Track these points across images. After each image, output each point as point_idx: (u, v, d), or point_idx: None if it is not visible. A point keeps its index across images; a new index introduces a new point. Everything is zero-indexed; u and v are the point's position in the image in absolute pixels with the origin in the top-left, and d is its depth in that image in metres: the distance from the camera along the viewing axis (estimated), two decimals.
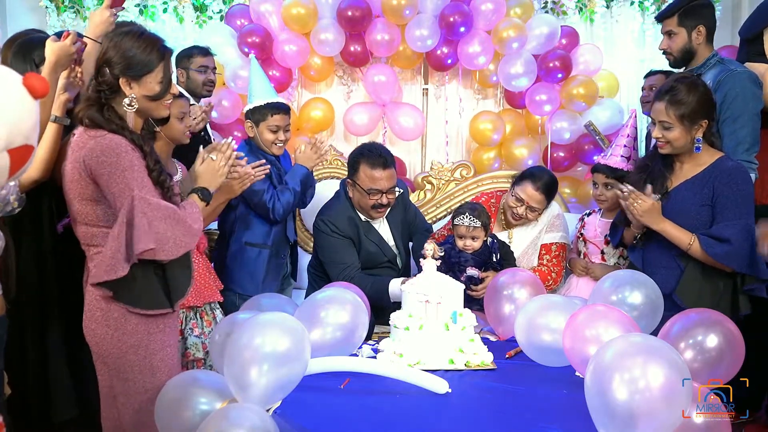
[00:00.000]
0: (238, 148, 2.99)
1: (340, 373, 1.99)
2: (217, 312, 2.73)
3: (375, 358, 2.22)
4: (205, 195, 2.10)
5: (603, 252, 2.95)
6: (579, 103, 3.96)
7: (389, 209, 2.97)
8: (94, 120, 1.90)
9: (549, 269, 3.02)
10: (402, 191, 2.99)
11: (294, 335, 1.75)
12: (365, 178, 2.82)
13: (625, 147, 2.87)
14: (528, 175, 3.01)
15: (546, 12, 4.30)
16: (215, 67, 3.56)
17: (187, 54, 3.47)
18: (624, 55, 4.41)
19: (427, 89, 4.39)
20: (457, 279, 2.47)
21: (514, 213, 2.99)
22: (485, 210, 2.87)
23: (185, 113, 2.56)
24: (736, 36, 3.35)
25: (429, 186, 3.91)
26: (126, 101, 1.93)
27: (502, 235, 3.04)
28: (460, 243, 2.82)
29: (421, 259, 2.37)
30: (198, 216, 1.99)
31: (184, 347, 2.59)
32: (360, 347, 2.27)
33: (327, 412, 1.84)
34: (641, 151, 3.44)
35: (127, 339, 1.92)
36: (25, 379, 2.38)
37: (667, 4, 3.32)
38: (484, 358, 2.20)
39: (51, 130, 2.19)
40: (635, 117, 2.96)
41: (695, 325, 1.89)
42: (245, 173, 2.53)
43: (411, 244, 3.12)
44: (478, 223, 2.78)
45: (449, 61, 4.04)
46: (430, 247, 2.35)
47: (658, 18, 2.93)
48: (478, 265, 2.81)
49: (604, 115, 3.98)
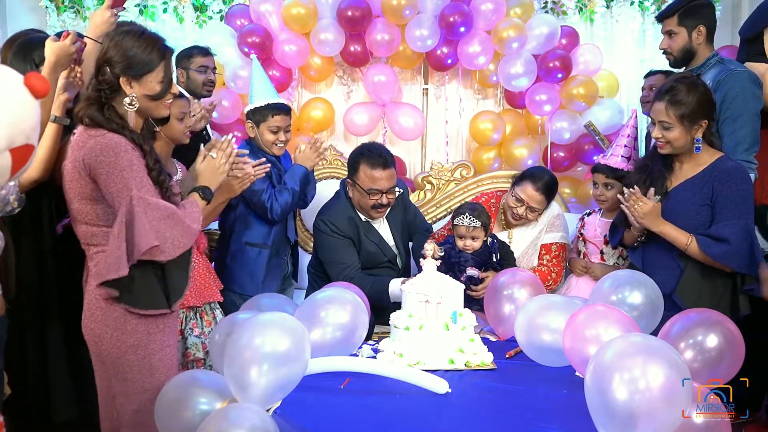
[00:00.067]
0: (239, 147, 3.01)
1: (340, 373, 1.99)
2: (217, 312, 2.73)
3: (375, 358, 2.22)
4: (206, 193, 2.09)
5: (602, 252, 2.96)
6: (579, 103, 3.96)
7: (389, 209, 2.97)
8: (94, 119, 1.89)
9: (549, 269, 3.02)
10: (402, 191, 2.99)
11: (294, 335, 1.75)
12: (365, 178, 2.82)
13: (626, 147, 2.87)
14: (528, 176, 3.01)
15: (546, 12, 4.29)
16: (215, 67, 3.56)
17: (187, 54, 3.47)
18: (624, 55, 4.40)
19: (427, 89, 4.38)
20: (457, 279, 2.47)
21: (514, 213, 2.99)
22: (485, 210, 2.87)
23: (185, 113, 2.56)
24: (736, 36, 3.35)
25: (429, 186, 3.91)
26: (127, 101, 1.93)
27: (502, 235, 3.04)
28: (460, 243, 2.82)
29: (421, 259, 2.37)
30: (197, 216, 1.98)
31: (184, 347, 2.58)
32: (360, 347, 2.27)
33: (327, 412, 1.84)
34: (641, 151, 3.44)
35: (127, 339, 1.92)
36: (25, 379, 2.38)
37: (668, 3, 3.32)
38: (484, 358, 2.20)
39: (50, 130, 2.20)
40: (636, 117, 2.96)
41: (695, 325, 1.89)
42: (244, 173, 2.53)
43: (411, 244, 3.12)
44: (478, 223, 2.78)
45: (449, 61, 4.04)
46: (430, 247, 2.35)
47: (658, 18, 2.93)
48: (478, 265, 2.81)
49: (604, 115, 3.97)
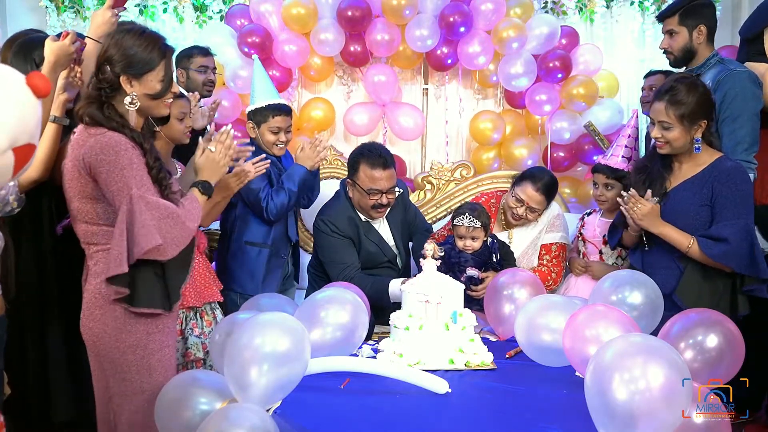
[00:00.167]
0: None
1: (340, 373, 1.99)
2: (218, 312, 2.73)
3: (375, 358, 2.22)
4: (206, 188, 2.08)
5: (601, 252, 2.96)
6: (579, 103, 3.95)
7: (389, 209, 2.97)
8: (94, 118, 1.89)
9: (549, 269, 3.02)
10: (402, 191, 2.99)
11: (294, 335, 1.75)
12: (365, 178, 2.82)
13: (626, 147, 2.87)
14: (528, 176, 3.01)
15: (546, 12, 4.30)
16: (215, 67, 3.57)
17: (187, 54, 3.47)
18: (624, 55, 4.40)
19: (427, 89, 4.38)
20: (457, 279, 2.47)
21: (514, 213, 2.99)
22: (485, 210, 2.87)
23: (185, 113, 2.57)
24: (736, 36, 3.35)
25: (429, 186, 3.91)
26: (127, 100, 1.93)
27: (502, 236, 3.04)
28: (460, 243, 2.82)
29: (421, 259, 2.36)
30: (196, 213, 1.97)
31: (184, 347, 2.58)
32: (360, 347, 2.27)
33: (327, 412, 1.84)
34: (642, 152, 3.44)
35: (126, 338, 1.91)
36: (25, 380, 2.38)
37: (668, 3, 3.32)
38: (484, 358, 2.20)
39: (50, 130, 2.20)
40: (637, 117, 2.95)
41: (695, 325, 1.89)
42: (241, 170, 2.53)
43: (411, 244, 3.12)
44: (477, 224, 2.78)
45: (449, 61, 4.04)
46: (430, 247, 2.35)
47: (659, 17, 2.93)
48: (478, 266, 2.81)
49: (604, 115, 3.97)
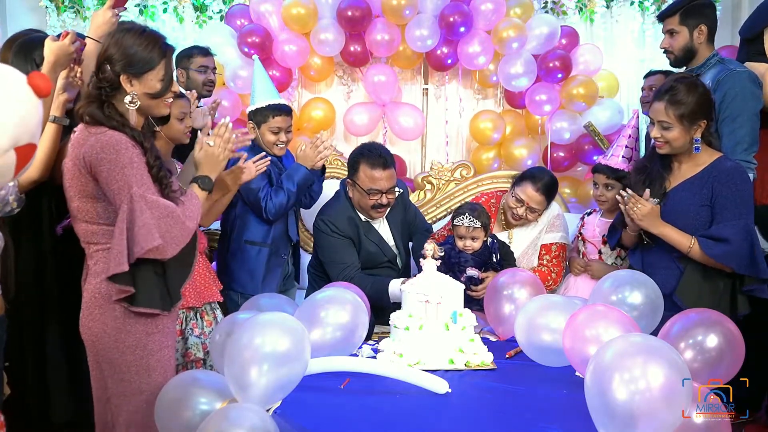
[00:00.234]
0: (240, 149, 3.01)
1: (340, 373, 1.99)
2: (218, 312, 2.73)
3: (375, 358, 2.22)
4: (206, 183, 2.07)
5: (600, 252, 2.96)
6: (579, 103, 3.96)
7: (389, 209, 2.97)
8: (94, 117, 1.89)
9: (549, 269, 3.02)
10: (402, 191, 2.99)
11: (294, 335, 1.75)
12: (365, 178, 2.82)
13: (627, 147, 2.87)
14: (528, 176, 3.01)
15: (546, 12, 4.30)
16: (215, 67, 3.57)
17: (187, 54, 3.47)
18: (624, 55, 4.41)
19: (427, 89, 4.38)
20: (457, 279, 2.46)
21: (514, 213, 2.99)
22: (485, 210, 2.87)
23: (185, 113, 2.57)
24: (736, 36, 3.35)
25: (429, 186, 3.91)
26: (127, 99, 1.92)
27: (502, 236, 3.04)
28: (459, 243, 2.82)
29: (421, 259, 2.36)
30: (195, 211, 1.96)
31: (184, 347, 2.58)
32: (360, 347, 2.27)
33: (327, 412, 1.84)
34: (642, 152, 3.44)
35: (125, 338, 1.90)
36: (25, 380, 2.38)
37: (668, 3, 3.32)
38: (484, 358, 2.20)
39: (50, 130, 2.20)
40: (637, 117, 2.95)
41: (695, 325, 1.89)
42: (237, 168, 2.54)
43: (411, 244, 3.12)
44: (477, 224, 2.78)
45: (449, 61, 4.04)
46: (430, 247, 2.35)
47: (659, 17, 2.93)
48: (478, 266, 2.81)
49: (604, 115, 3.97)
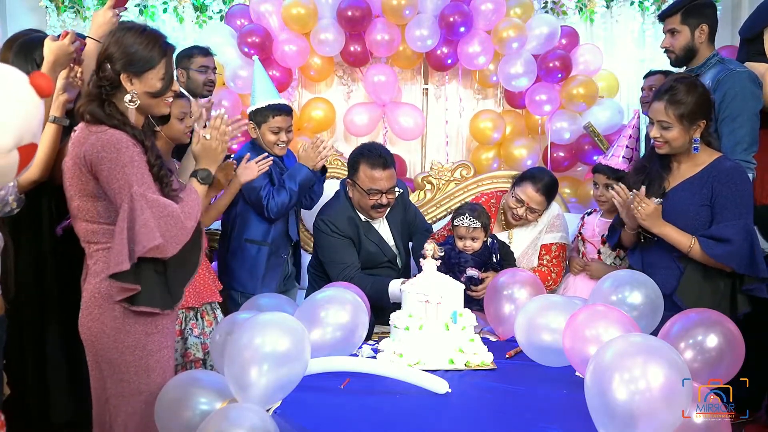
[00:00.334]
0: (242, 148, 3.02)
1: (340, 373, 1.99)
2: (218, 312, 2.73)
3: (375, 358, 2.22)
4: (205, 177, 2.07)
5: (599, 252, 2.96)
6: (579, 103, 3.96)
7: (389, 209, 2.97)
8: (95, 115, 1.88)
9: (549, 269, 3.02)
10: (402, 191, 2.99)
11: (294, 335, 1.75)
12: (365, 178, 2.82)
13: (627, 148, 2.87)
14: (528, 176, 3.01)
15: (546, 12, 4.30)
16: (215, 67, 3.56)
17: (188, 54, 3.47)
18: (624, 55, 4.40)
19: (427, 89, 4.38)
20: (457, 280, 2.46)
21: (514, 214, 2.99)
22: (485, 211, 2.87)
23: (186, 113, 2.56)
24: (736, 36, 3.35)
25: (429, 186, 3.91)
26: (127, 98, 1.92)
27: (502, 236, 3.04)
28: (459, 244, 2.82)
29: (421, 259, 2.36)
30: (194, 209, 1.94)
31: (184, 347, 2.58)
32: (360, 347, 2.27)
33: (327, 412, 1.84)
34: (643, 152, 3.44)
35: (125, 339, 1.90)
36: (24, 380, 2.37)
37: (669, 2, 3.32)
38: (484, 358, 2.20)
39: (49, 130, 2.19)
40: (638, 117, 2.95)
41: (695, 325, 1.89)
42: (227, 164, 2.55)
43: (411, 244, 3.12)
44: (477, 224, 2.77)
45: (449, 61, 4.04)
46: (430, 247, 2.35)
47: (660, 16, 2.93)
48: (478, 266, 2.81)
49: (604, 115, 3.97)
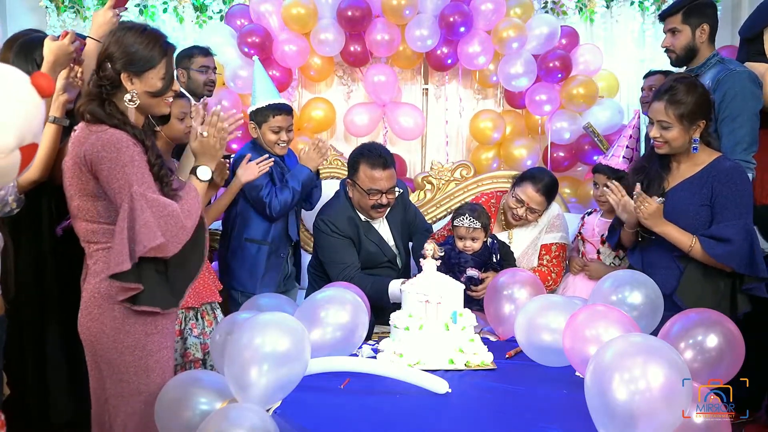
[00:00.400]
0: (243, 148, 3.02)
1: (340, 373, 1.99)
2: (218, 312, 2.73)
3: (375, 358, 2.22)
4: (204, 173, 2.05)
5: (599, 252, 2.96)
6: (579, 104, 3.95)
7: (389, 209, 2.97)
8: (95, 115, 1.88)
9: (549, 269, 3.02)
10: (402, 191, 2.99)
11: (294, 335, 1.75)
12: (365, 178, 2.82)
13: (627, 148, 2.87)
14: (528, 177, 3.01)
15: (546, 12, 4.30)
16: (215, 67, 3.56)
17: (188, 54, 3.47)
18: (624, 55, 4.40)
19: (427, 89, 4.38)
20: (457, 280, 2.46)
21: (514, 214, 2.99)
22: (485, 211, 2.87)
23: (186, 113, 2.56)
24: (736, 36, 3.35)
25: (429, 186, 3.91)
26: (127, 97, 1.92)
27: (502, 236, 3.04)
28: (459, 244, 2.82)
29: (421, 259, 2.36)
30: (194, 208, 1.93)
31: (183, 348, 2.58)
32: (360, 347, 2.27)
33: (327, 412, 1.84)
34: (643, 152, 3.43)
35: (124, 339, 1.89)
36: (24, 380, 2.37)
37: (669, 2, 3.31)
38: (484, 358, 2.20)
39: (49, 130, 2.19)
40: (638, 117, 2.95)
41: (695, 325, 1.89)
42: (221, 163, 2.53)
43: (411, 244, 3.12)
44: (477, 225, 2.77)
45: (449, 61, 4.04)
46: (430, 247, 2.35)
47: (661, 16, 2.92)
48: (478, 266, 2.81)
49: (604, 115, 3.97)
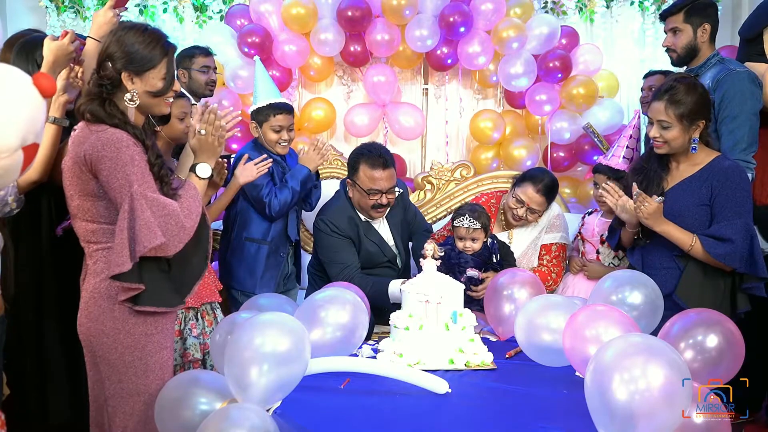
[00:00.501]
0: (244, 147, 3.03)
1: (340, 373, 1.99)
2: (218, 312, 2.73)
3: (375, 358, 2.22)
4: (203, 170, 2.05)
5: (598, 252, 2.96)
6: (579, 104, 3.95)
7: (389, 209, 2.97)
8: (95, 114, 1.88)
9: (549, 269, 3.02)
10: (402, 191, 2.99)
11: (294, 335, 1.75)
12: (365, 178, 2.82)
13: (627, 148, 2.87)
14: (529, 177, 3.01)
15: (546, 12, 4.29)
16: (216, 67, 3.57)
17: (189, 54, 3.47)
18: (624, 55, 4.40)
19: (427, 89, 4.39)
20: (457, 280, 2.46)
21: (514, 214, 2.99)
22: (485, 211, 2.87)
23: (186, 113, 2.57)
24: (736, 36, 3.35)
25: (429, 186, 3.91)
26: (127, 96, 1.92)
27: (502, 236, 3.04)
28: (459, 244, 2.82)
29: (421, 259, 2.36)
30: (194, 207, 1.93)
31: (183, 348, 2.58)
32: (360, 347, 2.27)
33: (327, 412, 1.84)
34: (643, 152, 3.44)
35: (124, 339, 1.89)
36: (24, 380, 2.37)
37: (670, 2, 3.31)
38: (484, 358, 2.20)
39: (49, 131, 2.19)
40: (639, 117, 2.95)
41: (695, 325, 1.89)
42: (218, 163, 2.52)
43: (411, 244, 3.12)
44: (477, 225, 2.77)
45: (449, 61, 4.04)
46: (430, 247, 2.35)
47: (662, 15, 2.92)
48: (478, 266, 2.81)
49: (604, 115, 3.97)
